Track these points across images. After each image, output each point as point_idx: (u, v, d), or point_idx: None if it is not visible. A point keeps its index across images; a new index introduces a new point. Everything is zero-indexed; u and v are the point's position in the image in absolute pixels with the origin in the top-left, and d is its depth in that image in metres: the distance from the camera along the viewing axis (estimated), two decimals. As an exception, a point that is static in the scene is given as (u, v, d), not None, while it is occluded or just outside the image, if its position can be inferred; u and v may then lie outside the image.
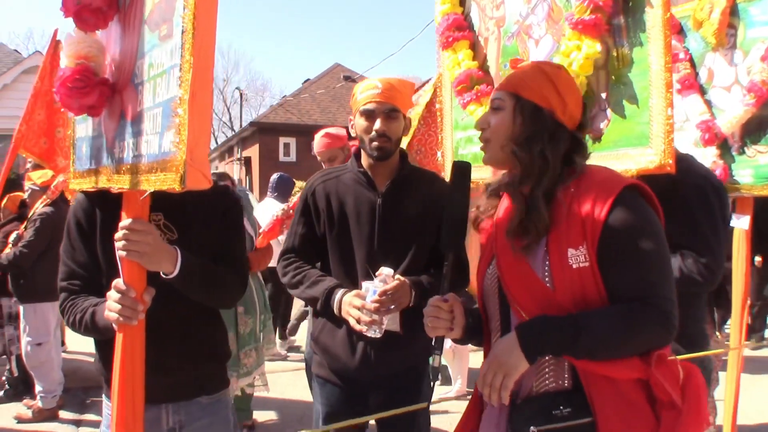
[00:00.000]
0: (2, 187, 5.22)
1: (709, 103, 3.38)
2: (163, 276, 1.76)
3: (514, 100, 1.61)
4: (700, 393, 1.50)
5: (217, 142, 38.00)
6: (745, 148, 3.15)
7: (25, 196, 4.97)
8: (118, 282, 1.67)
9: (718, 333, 3.82)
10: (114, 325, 1.69)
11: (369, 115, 2.27)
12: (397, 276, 2.17)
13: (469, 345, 4.27)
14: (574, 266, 1.47)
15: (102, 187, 1.78)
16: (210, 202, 2.03)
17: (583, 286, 1.47)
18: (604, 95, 2.16)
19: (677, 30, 3.60)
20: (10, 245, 4.72)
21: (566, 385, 1.50)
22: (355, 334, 2.21)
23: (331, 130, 4.06)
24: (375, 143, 2.25)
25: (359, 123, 2.30)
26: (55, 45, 4.91)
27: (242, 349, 4.38)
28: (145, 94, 1.53)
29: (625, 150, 2.07)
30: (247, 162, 27.24)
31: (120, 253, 1.66)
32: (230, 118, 41.40)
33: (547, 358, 1.51)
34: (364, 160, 2.35)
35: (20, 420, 4.68)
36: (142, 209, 1.68)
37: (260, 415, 4.80)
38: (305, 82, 29.45)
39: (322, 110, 25.88)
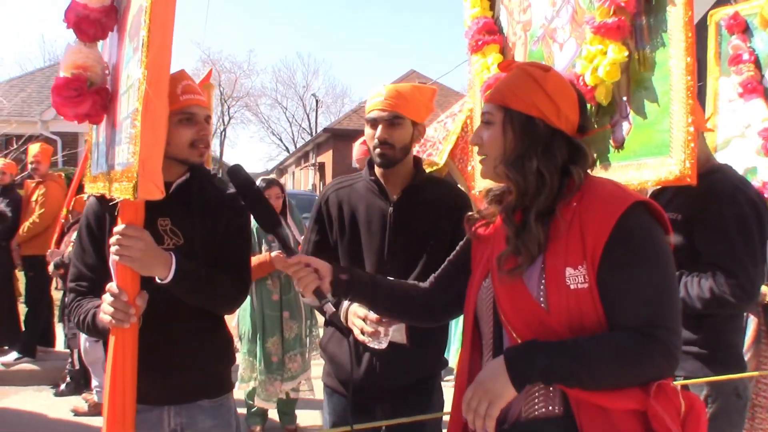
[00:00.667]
0: (75, 190, 5.51)
1: (774, 109, 3.15)
2: (158, 281, 1.79)
3: (502, 112, 1.52)
4: (701, 427, 1.37)
5: (295, 147, 38.89)
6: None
7: (85, 198, 5.20)
8: (111, 285, 1.71)
9: (773, 354, 3.51)
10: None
11: (372, 123, 2.24)
12: None
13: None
14: (572, 287, 1.36)
15: (101, 192, 1.83)
16: (216, 208, 2.06)
17: (580, 309, 1.37)
18: (625, 101, 2.03)
19: (742, 29, 3.38)
20: (72, 244, 4.97)
21: (557, 411, 1.41)
22: (362, 345, 2.16)
23: None
24: (377, 150, 2.21)
25: (366, 131, 2.28)
26: None
27: (287, 354, 4.44)
28: (123, 104, 1.57)
29: (645, 159, 1.93)
30: (321, 167, 27.68)
31: (113, 258, 1.70)
32: (309, 124, 42.24)
33: None
34: (377, 169, 2.31)
35: (77, 413, 4.90)
36: (136, 215, 1.72)
37: (305, 420, 4.82)
38: (381, 89, 29.63)
39: (396, 117, 25.96)
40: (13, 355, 5.79)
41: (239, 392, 4.65)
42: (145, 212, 1.90)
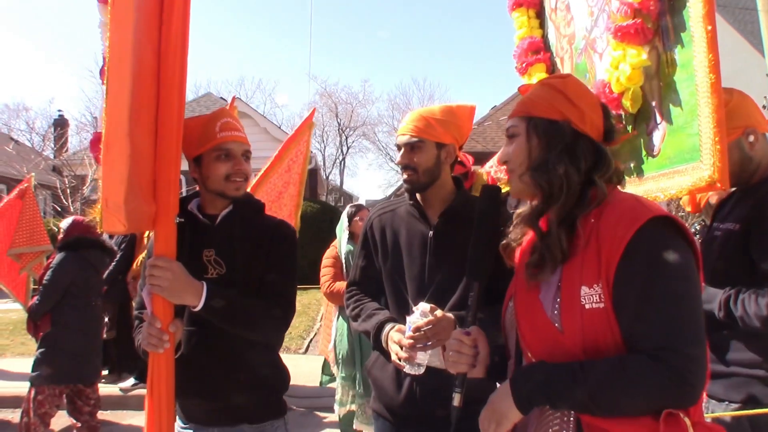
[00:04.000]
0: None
1: None
2: (191, 309, 1.90)
3: (525, 122, 1.50)
4: None
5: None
6: None
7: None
8: (146, 313, 1.85)
9: None
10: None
11: (398, 149, 2.26)
12: (438, 311, 2.06)
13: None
14: (587, 306, 1.32)
15: None
16: (257, 238, 2.12)
17: (595, 329, 1.31)
18: (657, 107, 1.91)
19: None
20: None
21: None
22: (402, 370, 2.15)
23: None
24: (403, 175, 2.22)
25: None
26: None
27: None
28: None
29: (680, 166, 1.81)
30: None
31: (147, 287, 1.84)
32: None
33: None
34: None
35: None
36: (166, 247, 1.85)
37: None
38: (492, 109, 29.30)
39: (508, 138, 25.56)
40: (131, 381, 6.23)
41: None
42: (192, 244, 2.05)
